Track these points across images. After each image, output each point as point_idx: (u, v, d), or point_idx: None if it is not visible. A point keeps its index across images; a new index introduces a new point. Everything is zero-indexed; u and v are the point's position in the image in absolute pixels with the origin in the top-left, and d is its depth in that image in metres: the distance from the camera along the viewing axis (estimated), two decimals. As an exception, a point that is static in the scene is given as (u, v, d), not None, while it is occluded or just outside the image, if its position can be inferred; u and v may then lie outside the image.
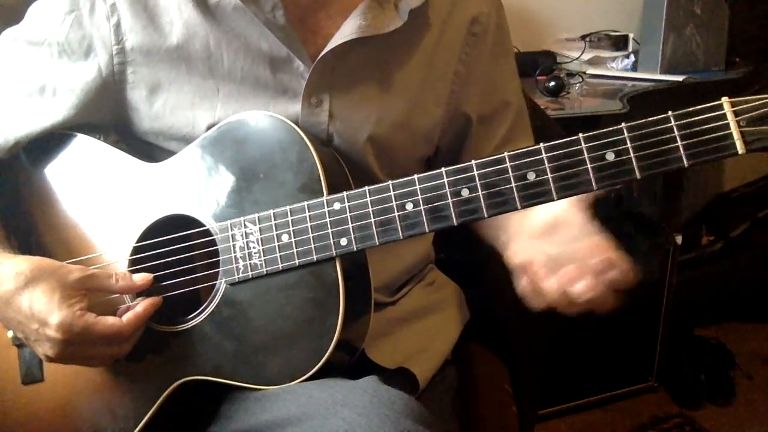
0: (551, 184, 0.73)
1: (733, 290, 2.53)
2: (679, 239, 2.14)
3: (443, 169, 0.77)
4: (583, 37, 2.29)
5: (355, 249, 0.81)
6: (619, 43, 2.35)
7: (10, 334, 0.91)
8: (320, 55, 0.89)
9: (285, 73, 0.92)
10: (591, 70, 2.23)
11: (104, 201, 0.94)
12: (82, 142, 0.95)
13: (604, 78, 2.20)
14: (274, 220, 0.84)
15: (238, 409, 0.87)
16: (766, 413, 2.17)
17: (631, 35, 2.34)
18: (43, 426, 0.93)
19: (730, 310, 2.56)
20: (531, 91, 1.93)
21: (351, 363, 0.89)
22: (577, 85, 2.09)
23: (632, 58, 2.29)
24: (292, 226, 0.83)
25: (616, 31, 2.36)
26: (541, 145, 0.74)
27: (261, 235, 0.84)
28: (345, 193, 0.82)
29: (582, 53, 2.26)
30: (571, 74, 2.15)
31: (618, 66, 2.28)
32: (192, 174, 0.89)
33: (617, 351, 2.16)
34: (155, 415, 0.88)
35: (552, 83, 1.98)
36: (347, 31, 0.89)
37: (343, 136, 0.93)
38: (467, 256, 1.26)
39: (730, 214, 2.59)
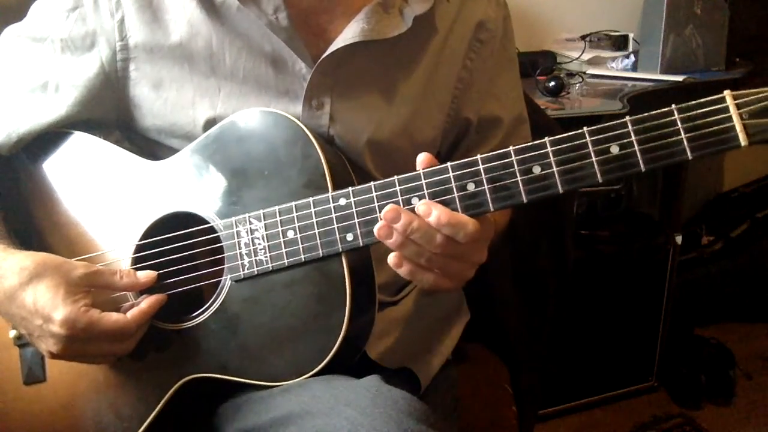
0: (556, 178, 0.74)
1: (733, 290, 2.53)
2: (679, 239, 2.15)
3: (449, 164, 0.77)
4: (583, 37, 2.29)
5: (361, 244, 0.81)
6: (619, 43, 2.34)
7: (11, 334, 0.91)
8: (321, 58, 0.89)
9: (287, 75, 0.92)
10: (591, 70, 2.22)
11: (107, 199, 0.94)
12: (84, 140, 0.95)
13: (604, 78, 2.19)
14: (279, 216, 0.84)
15: (241, 408, 0.87)
16: (766, 413, 2.17)
17: (631, 35, 2.34)
18: (45, 427, 0.93)
19: (730, 310, 2.56)
20: (531, 91, 1.93)
21: (354, 361, 0.89)
22: (577, 85, 2.09)
23: (632, 58, 2.28)
24: (298, 222, 0.83)
25: (616, 31, 2.35)
26: (546, 139, 0.74)
27: (266, 231, 0.84)
28: (350, 188, 0.81)
29: (582, 53, 2.25)
30: (571, 74, 2.14)
31: (618, 66, 2.27)
32: (195, 171, 0.89)
33: (617, 351, 2.16)
34: (159, 414, 0.88)
35: (552, 83, 1.98)
36: (349, 34, 0.89)
37: (343, 140, 0.93)
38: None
39: (730, 214, 2.60)
